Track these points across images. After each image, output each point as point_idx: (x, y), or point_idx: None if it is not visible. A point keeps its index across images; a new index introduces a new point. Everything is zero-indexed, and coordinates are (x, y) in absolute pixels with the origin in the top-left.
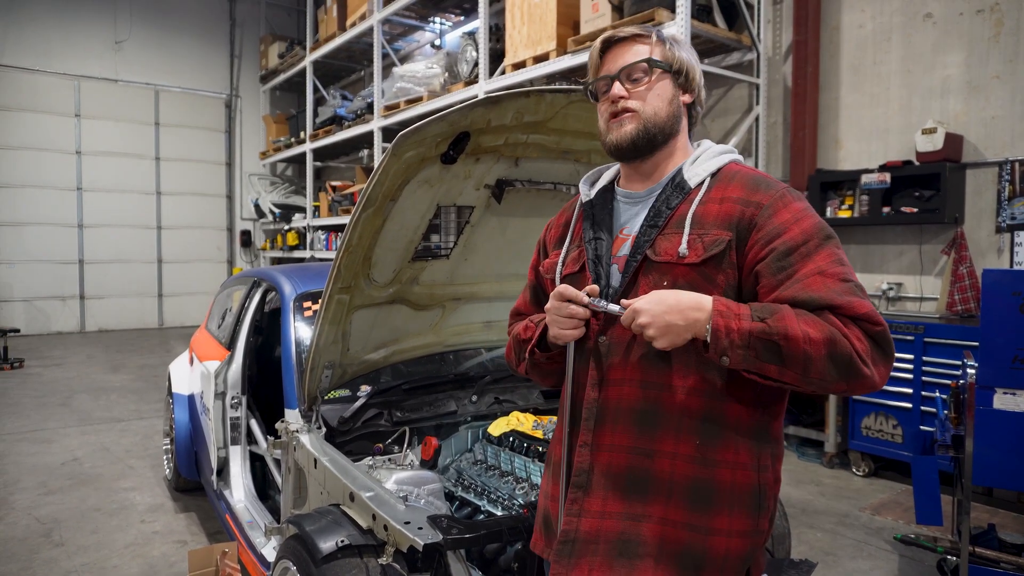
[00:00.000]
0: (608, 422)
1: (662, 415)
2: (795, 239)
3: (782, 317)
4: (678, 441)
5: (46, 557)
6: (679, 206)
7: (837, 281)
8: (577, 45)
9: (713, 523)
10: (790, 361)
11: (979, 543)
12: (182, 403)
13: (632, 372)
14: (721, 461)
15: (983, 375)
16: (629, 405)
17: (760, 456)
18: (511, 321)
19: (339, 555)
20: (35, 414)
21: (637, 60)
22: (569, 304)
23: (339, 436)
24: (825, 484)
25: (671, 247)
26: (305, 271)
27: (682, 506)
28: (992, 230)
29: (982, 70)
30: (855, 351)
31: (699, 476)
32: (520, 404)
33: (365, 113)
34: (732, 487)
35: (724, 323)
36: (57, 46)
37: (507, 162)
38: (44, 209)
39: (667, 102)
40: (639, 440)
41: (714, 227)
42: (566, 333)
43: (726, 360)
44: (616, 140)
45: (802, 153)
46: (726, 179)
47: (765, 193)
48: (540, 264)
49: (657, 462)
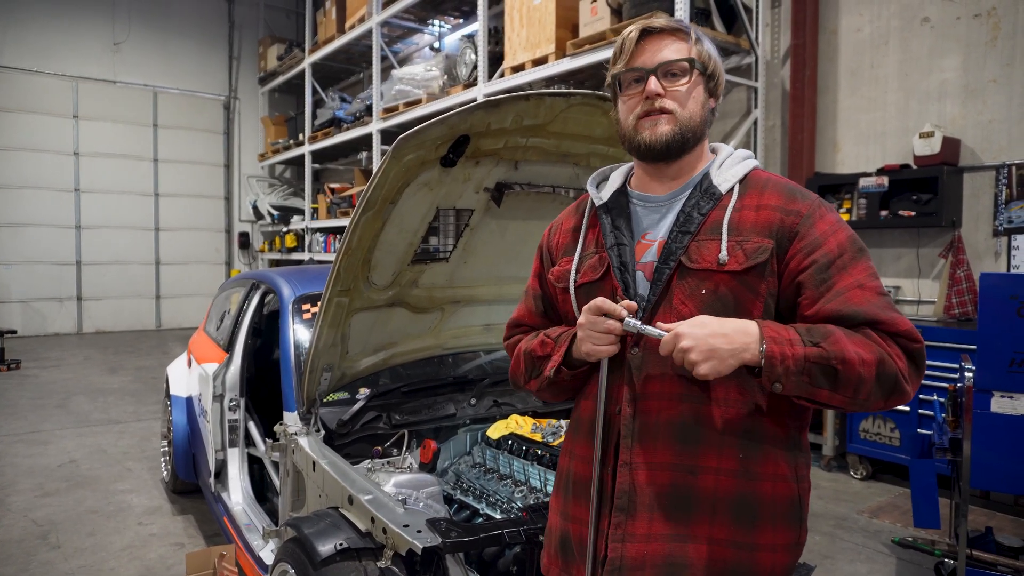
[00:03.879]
0: (648, 439)
1: (704, 429)
2: (833, 251)
3: (837, 340)
4: (721, 456)
5: (43, 559)
6: (711, 212)
7: (876, 295)
8: (576, 48)
9: (759, 539)
10: (843, 385)
11: (976, 546)
12: (180, 405)
13: (670, 386)
14: (763, 474)
15: (981, 378)
16: (669, 420)
17: (797, 467)
18: (509, 333)
19: (338, 558)
20: (32, 415)
21: (679, 58)
22: (606, 320)
23: (338, 439)
24: (823, 487)
25: (708, 254)
26: (304, 273)
27: (727, 523)
28: (989, 233)
29: (979, 74)
30: (899, 370)
31: (743, 491)
32: (519, 407)
33: (364, 115)
34: (774, 500)
35: (779, 349)
36: (56, 47)
37: (506, 165)
38: (42, 210)
39: (701, 106)
40: (681, 456)
41: (753, 234)
42: (601, 349)
43: (778, 387)
44: (649, 140)
45: (800, 156)
46: (758, 186)
47: (803, 202)
48: (546, 272)
49: (701, 478)
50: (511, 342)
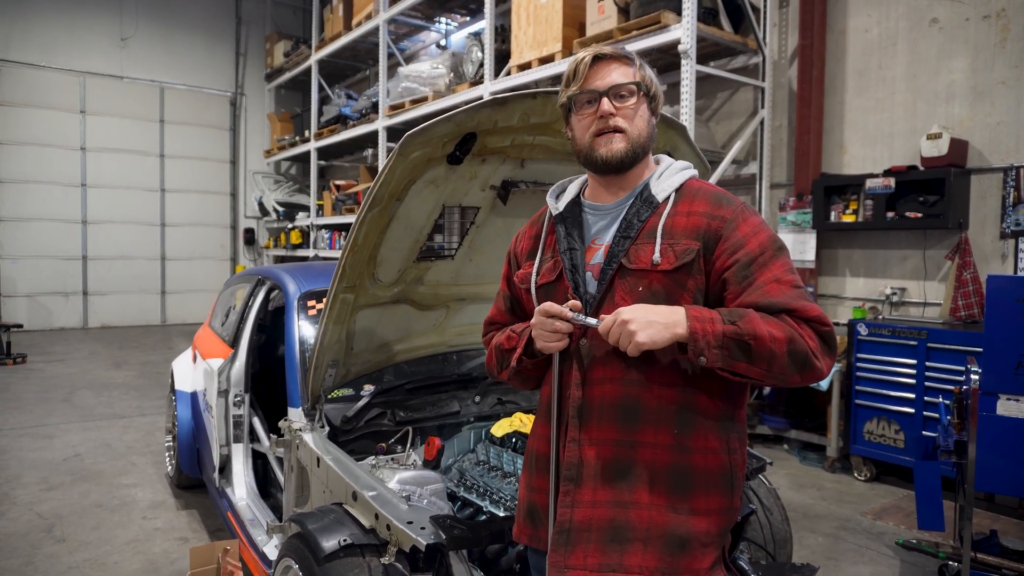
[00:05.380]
0: (594, 418)
1: (642, 409)
2: (754, 251)
3: (750, 320)
4: (657, 432)
5: (47, 552)
6: (649, 219)
7: (790, 288)
8: (583, 47)
9: (693, 504)
10: (757, 358)
11: (981, 549)
12: (185, 400)
13: (612, 371)
14: (696, 447)
15: (986, 381)
16: (612, 401)
17: (728, 440)
18: (486, 330)
19: (341, 554)
20: (37, 409)
21: (627, 81)
22: (554, 320)
23: (342, 435)
24: (827, 488)
25: (644, 256)
26: (309, 270)
27: (664, 491)
28: (996, 236)
29: (988, 76)
30: (809, 348)
31: (678, 462)
32: (523, 405)
33: (370, 112)
34: (707, 470)
35: (700, 327)
36: (63, 42)
37: (513, 163)
38: (48, 205)
39: (647, 123)
40: (622, 433)
41: (683, 237)
42: (551, 345)
43: (703, 360)
44: (606, 156)
45: (807, 157)
46: (690, 194)
47: (727, 208)
48: (512, 275)
49: (640, 452)
50: (487, 339)
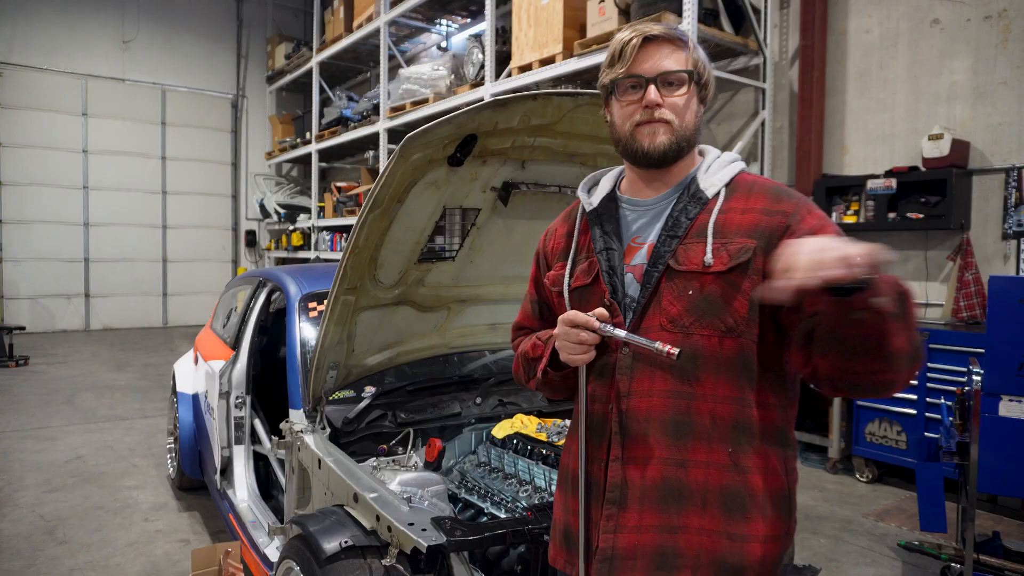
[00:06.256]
0: (637, 435)
1: (693, 424)
2: None
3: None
4: (711, 450)
5: (49, 555)
6: (698, 216)
7: None
8: (583, 48)
9: (749, 530)
10: (908, 322)
11: (983, 551)
12: (186, 402)
13: (660, 382)
14: (753, 467)
15: (989, 382)
16: (659, 416)
17: (786, 459)
18: (513, 336)
19: (343, 556)
20: (39, 411)
21: (679, 69)
22: (579, 331)
23: (343, 437)
24: (829, 490)
25: (695, 256)
26: (310, 272)
27: (718, 515)
28: (998, 237)
29: (989, 76)
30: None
31: (733, 484)
32: (524, 406)
33: (371, 114)
34: (765, 492)
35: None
36: (65, 45)
37: (513, 165)
38: (50, 207)
39: (696, 115)
40: (671, 451)
41: (737, 236)
42: (576, 358)
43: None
44: (648, 149)
45: (808, 158)
46: (745, 189)
47: (788, 202)
48: (542, 277)
49: (691, 472)
50: (515, 344)
